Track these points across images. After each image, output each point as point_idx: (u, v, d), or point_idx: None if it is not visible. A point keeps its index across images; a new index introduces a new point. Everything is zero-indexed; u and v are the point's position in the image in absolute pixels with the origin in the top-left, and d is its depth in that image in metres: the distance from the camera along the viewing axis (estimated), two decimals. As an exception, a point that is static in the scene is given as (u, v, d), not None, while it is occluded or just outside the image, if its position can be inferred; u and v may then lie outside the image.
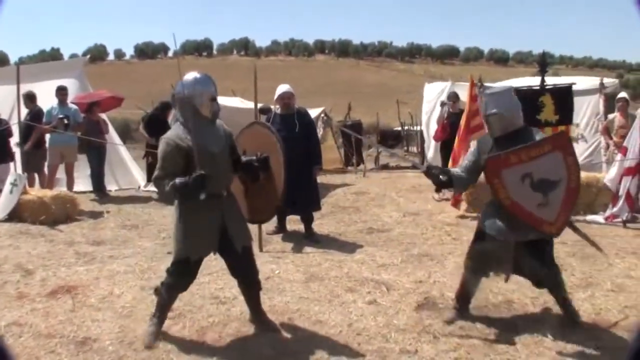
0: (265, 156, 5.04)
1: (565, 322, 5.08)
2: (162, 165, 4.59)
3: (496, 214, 4.97)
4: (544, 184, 4.74)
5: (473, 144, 5.43)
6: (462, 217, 10.00)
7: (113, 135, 13.89)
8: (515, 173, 4.73)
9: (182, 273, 4.81)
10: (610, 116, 11.51)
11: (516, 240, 4.90)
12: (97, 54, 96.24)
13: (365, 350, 4.69)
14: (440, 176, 5.11)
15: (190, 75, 4.81)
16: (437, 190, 11.69)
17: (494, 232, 4.99)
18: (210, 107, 4.75)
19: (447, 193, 10.97)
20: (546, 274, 5.03)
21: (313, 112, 14.21)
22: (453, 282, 6.21)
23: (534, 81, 10.49)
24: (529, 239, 4.90)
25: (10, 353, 4.38)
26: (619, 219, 9.39)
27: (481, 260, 5.12)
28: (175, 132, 4.70)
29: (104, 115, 13.18)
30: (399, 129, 28.24)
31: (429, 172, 5.15)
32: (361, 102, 16.87)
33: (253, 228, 7.82)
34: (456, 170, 5.28)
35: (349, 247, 7.95)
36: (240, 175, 5.14)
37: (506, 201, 4.76)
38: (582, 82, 13.15)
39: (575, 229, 5.17)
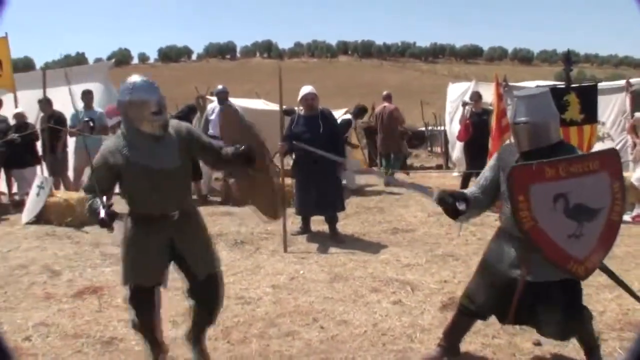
0: (244, 149, 4.07)
1: None
2: (91, 176, 4.04)
3: (507, 241, 4.11)
4: (581, 211, 3.76)
5: (494, 157, 4.39)
6: (487, 216, 9.93)
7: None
8: (548, 191, 3.74)
9: (134, 304, 4.16)
10: (637, 114, 11.35)
11: (527, 279, 3.95)
12: (121, 58, 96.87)
13: (391, 350, 4.68)
14: (457, 204, 4.12)
15: (130, 80, 3.96)
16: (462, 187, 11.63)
17: (496, 261, 4.17)
18: (153, 123, 3.93)
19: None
20: (572, 325, 4.07)
21: (337, 113, 14.21)
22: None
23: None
24: (549, 280, 3.95)
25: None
26: (647, 218, 9.29)
27: (474, 296, 4.27)
28: (113, 142, 4.04)
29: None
30: (423, 129, 28.15)
31: (442, 200, 4.16)
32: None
33: (278, 228, 7.89)
34: (473, 190, 4.31)
35: (373, 247, 7.93)
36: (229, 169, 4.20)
37: (527, 223, 3.77)
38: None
39: (608, 272, 4.23)
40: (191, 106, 12.73)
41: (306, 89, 8.62)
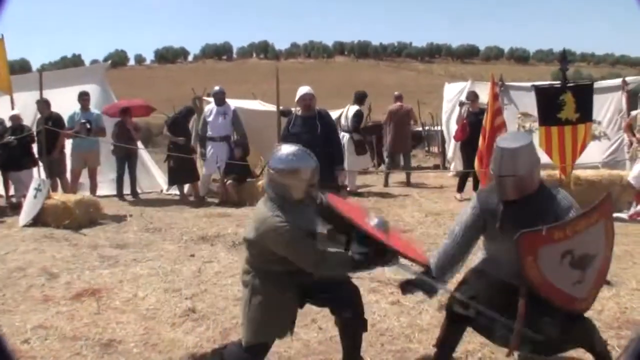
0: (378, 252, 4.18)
1: None
2: (304, 245, 3.92)
3: (501, 257, 4.10)
4: (585, 260, 3.79)
5: (473, 204, 4.24)
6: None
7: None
8: (556, 250, 3.74)
9: (253, 357, 4.01)
10: (633, 113, 11.37)
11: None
12: (118, 59, 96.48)
13: (389, 351, 4.70)
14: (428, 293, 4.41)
15: (286, 150, 3.96)
16: (459, 190, 11.70)
17: (492, 270, 4.21)
18: (307, 193, 4.00)
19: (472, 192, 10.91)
20: (573, 334, 3.94)
21: (334, 114, 14.24)
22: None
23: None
24: None
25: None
26: (644, 217, 9.31)
27: (466, 299, 4.16)
28: (276, 214, 3.86)
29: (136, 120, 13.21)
30: (420, 129, 28.18)
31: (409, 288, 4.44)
32: (382, 103, 16.68)
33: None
34: (446, 248, 4.42)
35: (371, 248, 7.89)
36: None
37: (535, 279, 3.76)
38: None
39: None
40: (189, 108, 12.74)
41: (304, 90, 8.63)
